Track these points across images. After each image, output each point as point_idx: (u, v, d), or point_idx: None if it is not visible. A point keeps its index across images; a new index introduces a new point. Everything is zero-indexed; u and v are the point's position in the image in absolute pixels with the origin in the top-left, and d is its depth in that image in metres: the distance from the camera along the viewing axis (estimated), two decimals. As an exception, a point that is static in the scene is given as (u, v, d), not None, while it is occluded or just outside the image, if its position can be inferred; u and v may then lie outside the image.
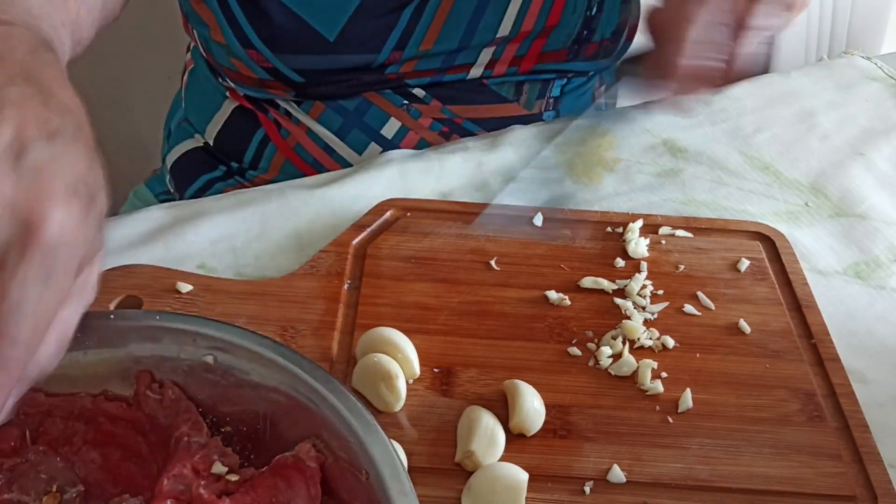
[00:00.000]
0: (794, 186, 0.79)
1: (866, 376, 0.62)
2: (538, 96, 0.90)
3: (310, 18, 0.80)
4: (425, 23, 0.82)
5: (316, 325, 0.62)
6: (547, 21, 0.84)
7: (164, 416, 0.50)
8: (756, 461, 0.56)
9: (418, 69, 0.85)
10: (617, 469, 0.55)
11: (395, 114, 0.87)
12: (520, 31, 0.84)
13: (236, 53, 0.83)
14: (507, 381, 0.58)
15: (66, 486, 0.49)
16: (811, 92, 0.89)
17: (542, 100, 0.91)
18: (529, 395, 0.57)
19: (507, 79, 0.88)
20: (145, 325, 0.51)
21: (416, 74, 0.86)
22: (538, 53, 0.87)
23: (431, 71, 0.86)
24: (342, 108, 0.86)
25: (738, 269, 0.69)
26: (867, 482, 0.55)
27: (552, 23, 0.84)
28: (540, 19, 0.84)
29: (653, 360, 0.61)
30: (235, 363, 0.51)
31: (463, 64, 0.86)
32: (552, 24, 0.84)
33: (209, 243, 0.70)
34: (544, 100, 0.91)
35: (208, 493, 0.47)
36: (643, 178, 0.78)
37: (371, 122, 0.87)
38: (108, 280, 0.63)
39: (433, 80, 0.87)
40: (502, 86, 0.89)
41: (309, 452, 0.48)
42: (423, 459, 0.55)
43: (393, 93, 0.87)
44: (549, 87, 0.90)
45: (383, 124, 0.87)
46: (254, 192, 0.75)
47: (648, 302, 0.65)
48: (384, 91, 0.86)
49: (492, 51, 0.85)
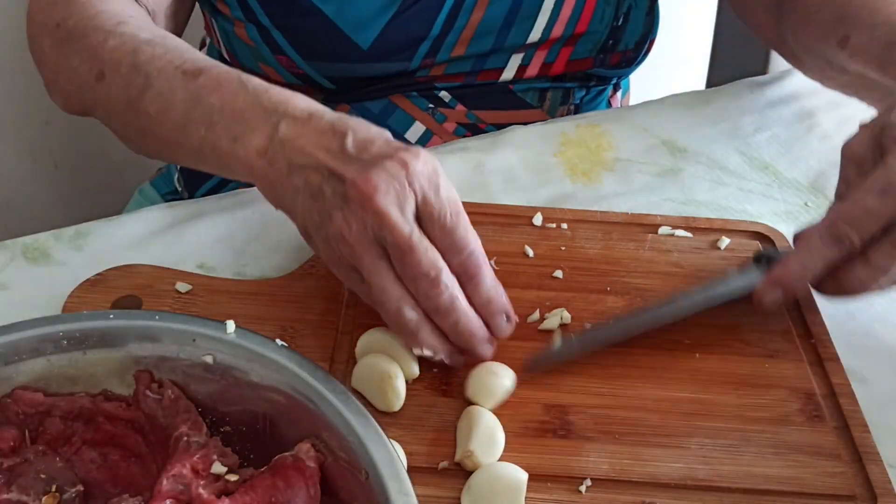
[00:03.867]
0: (794, 186, 0.79)
1: (866, 376, 0.62)
2: (561, 103, 0.91)
3: (345, 27, 0.80)
4: (458, 29, 0.82)
5: (316, 325, 0.62)
6: (576, 28, 0.85)
7: (164, 415, 0.50)
8: (755, 461, 0.56)
9: (449, 72, 0.85)
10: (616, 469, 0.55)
11: (419, 117, 0.86)
12: (549, 36, 0.84)
13: (265, 58, 0.82)
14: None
15: (65, 486, 0.49)
16: (811, 92, 0.89)
17: (565, 106, 0.91)
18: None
19: (533, 84, 0.88)
20: (145, 325, 0.52)
21: (446, 78, 0.86)
22: (566, 61, 0.87)
23: (461, 75, 0.86)
24: (367, 111, 0.86)
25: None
26: (867, 482, 0.55)
27: (580, 30, 0.85)
28: (569, 26, 0.84)
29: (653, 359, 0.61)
30: (235, 363, 0.51)
31: (493, 69, 0.86)
32: (580, 32, 0.85)
33: (209, 243, 0.70)
34: (567, 106, 0.91)
35: (207, 493, 0.47)
36: (643, 177, 0.78)
37: (396, 125, 0.86)
38: (108, 280, 0.63)
39: (463, 84, 0.87)
40: (527, 92, 0.89)
41: (308, 452, 0.48)
42: (422, 459, 0.55)
43: (419, 95, 0.86)
44: (570, 94, 0.91)
45: (408, 128, 0.87)
46: (254, 192, 0.75)
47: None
48: (410, 94, 0.86)
49: (521, 57, 0.86)
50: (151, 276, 0.64)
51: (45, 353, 0.51)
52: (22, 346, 0.50)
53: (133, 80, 0.65)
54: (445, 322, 0.56)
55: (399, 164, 0.54)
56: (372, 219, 0.54)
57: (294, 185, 0.58)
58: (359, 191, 0.54)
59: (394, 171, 0.54)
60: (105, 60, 0.67)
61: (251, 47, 0.84)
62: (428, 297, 0.55)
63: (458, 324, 0.56)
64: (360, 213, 0.54)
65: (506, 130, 0.84)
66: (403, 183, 0.54)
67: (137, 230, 0.71)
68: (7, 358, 0.50)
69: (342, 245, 0.56)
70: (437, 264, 0.54)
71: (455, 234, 0.55)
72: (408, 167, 0.54)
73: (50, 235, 0.70)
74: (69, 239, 0.69)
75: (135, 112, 0.66)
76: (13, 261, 0.67)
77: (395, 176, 0.54)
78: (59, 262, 0.68)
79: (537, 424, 0.58)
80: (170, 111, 0.63)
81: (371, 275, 0.55)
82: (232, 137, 0.60)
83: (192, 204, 0.74)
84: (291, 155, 0.58)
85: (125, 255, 0.67)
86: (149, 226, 0.71)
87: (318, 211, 0.57)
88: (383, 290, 0.55)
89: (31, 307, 0.61)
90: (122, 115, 0.68)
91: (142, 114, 0.65)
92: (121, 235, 0.70)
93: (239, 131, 0.60)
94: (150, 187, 1.00)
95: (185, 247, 0.69)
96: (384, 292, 0.55)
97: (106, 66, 0.67)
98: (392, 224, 0.53)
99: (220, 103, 0.61)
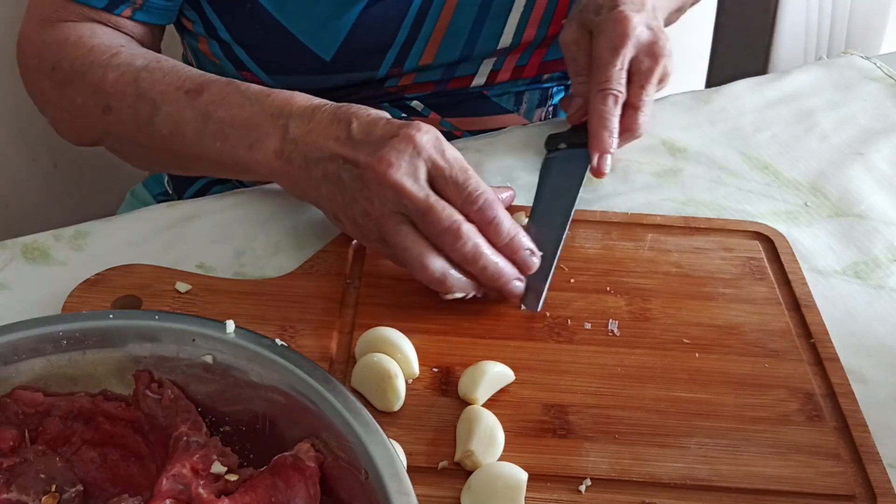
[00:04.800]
0: (794, 186, 0.79)
1: (865, 376, 0.62)
2: (538, 105, 0.90)
3: (305, 39, 0.80)
4: (424, 37, 0.82)
5: (315, 325, 0.62)
6: (548, 31, 0.84)
7: (163, 415, 0.50)
8: (755, 461, 0.56)
9: (419, 81, 0.85)
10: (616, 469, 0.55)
11: None
12: (521, 41, 0.84)
13: (229, 75, 0.82)
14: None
15: (64, 486, 0.49)
16: (810, 92, 0.89)
17: (542, 108, 0.91)
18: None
19: (507, 89, 0.88)
20: (144, 325, 0.51)
21: (416, 88, 0.85)
22: (539, 63, 0.87)
23: (432, 83, 0.85)
24: None
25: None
26: (866, 481, 0.55)
27: (553, 32, 0.84)
28: (541, 29, 0.84)
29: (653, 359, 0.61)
30: (234, 363, 0.51)
31: (464, 76, 0.86)
32: (553, 34, 0.84)
33: (208, 243, 0.70)
34: (544, 108, 0.91)
35: (207, 493, 0.47)
36: (642, 177, 0.78)
37: None
38: (107, 280, 0.63)
39: (434, 93, 0.86)
40: (502, 96, 0.88)
41: (308, 452, 0.48)
42: (422, 459, 0.55)
43: (391, 106, 0.86)
44: (548, 95, 0.90)
45: None
46: (253, 192, 0.75)
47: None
48: (381, 104, 0.85)
49: (492, 62, 0.85)
50: (151, 275, 0.64)
51: (44, 353, 0.51)
52: (21, 345, 0.50)
53: (140, 108, 0.70)
54: (475, 268, 0.61)
55: (404, 139, 0.60)
56: (390, 192, 0.60)
57: (314, 178, 0.64)
58: (373, 171, 0.60)
59: (401, 147, 0.60)
60: (109, 94, 0.72)
61: (215, 64, 0.84)
62: (454, 248, 0.60)
63: (486, 268, 0.61)
64: (379, 189, 0.60)
65: (505, 130, 0.84)
66: (412, 154, 0.60)
67: (137, 230, 0.71)
68: (7, 358, 0.50)
69: (368, 221, 0.62)
70: (455, 218, 0.60)
71: (467, 187, 0.61)
72: (413, 140, 0.60)
73: (50, 235, 0.70)
74: (69, 239, 0.69)
75: (147, 135, 0.71)
76: (13, 261, 0.67)
77: (404, 150, 0.60)
78: (58, 262, 0.68)
79: (537, 424, 0.58)
80: (183, 129, 0.69)
81: (396, 240, 0.61)
82: (247, 146, 0.66)
83: (192, 204, 0.74)
84: (306, 151, 0.64)
85: (125, 255, 0.67)
86: (148, 226, 0.71)
87: (340, 196, 0.63)
88: (407, 249, 0.61)
89: (31, 307, 0.61)
90: (133, 140, 0.73)
91: (155, 136, 0.70)
92: (120, 235, 0.70)
93: (253, 139, 0.66)
94: (143, 188, 1.01)
95: (184, 246, 0.69)
96: (408, 251, 0.61)
97: (111, 98, 0.72)
98: (408, 193, 0.59)
99: (228, 117, 0.67)
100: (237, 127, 0.67)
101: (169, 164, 0.77)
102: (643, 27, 0.74)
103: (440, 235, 0.60)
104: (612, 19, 0.74)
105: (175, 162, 0.74)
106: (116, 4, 0.77)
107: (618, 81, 0.73)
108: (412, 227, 0.61)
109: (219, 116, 0.67)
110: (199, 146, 0.69)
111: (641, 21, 0.74)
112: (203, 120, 0.68)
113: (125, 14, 0.77)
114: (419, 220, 0.60)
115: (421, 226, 0.60)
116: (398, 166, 0.60)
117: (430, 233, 0.60)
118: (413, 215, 0.60)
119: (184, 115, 0.68)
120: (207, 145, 0.68)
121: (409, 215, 0.60)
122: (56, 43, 0.76)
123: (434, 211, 0.59)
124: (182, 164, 0.74)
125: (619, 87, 0.73)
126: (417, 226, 0.61)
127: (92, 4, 0.76)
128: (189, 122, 0.68)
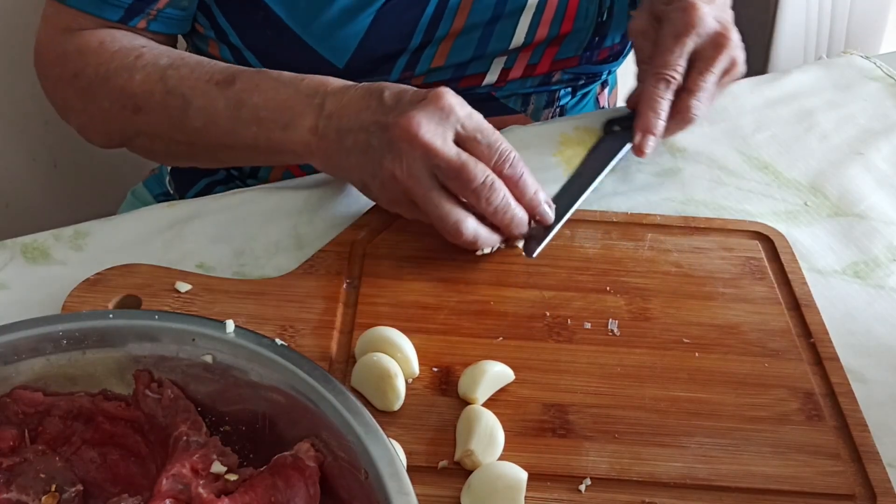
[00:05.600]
0: (793, 186, 0.79)
1: (865, 375, 0.62)
2: (545, 105, 0.90)
3: (319, 47, 0.80)
4: (437, 41, 0.82)
5: (315, 325, 0.62)
6: (560, 29, 0.84)
7: (163, 415, 0.50)
8: (755, 460, 0.56)
9: (428, 81, 0.85)
10: (616, 468, 0.55)
11: None
12: (533, 39, 0.84)
13: None
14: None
15: (64, 486, 0.49)
16: (810, 91, 0.89)
17: (550, 109, 0.91)
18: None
19: (516, 90, 0.88)
20: (144, 325, 0.52)
21: (426, 87, 0.85)
22: (550, 61, 0.87)
23: (442, 82, 0.85)
24: None
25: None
26: (866, 481, 0.55)
27: (565, 30, 0.84)
28: (553, 28, 0.84)
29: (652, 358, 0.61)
30: (234, 363, 0.51)
31: (475, 74, 0.86)
32: (565, 32, 0.84)
33: (208, 242, 0.70)
34: (552, 109, 0.91)
35: (207, 493, 0.47)
36: (642, 177, 0.78)
37: None
38: (107, 279, 0.63)
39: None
40: (510, 98, 0.88)
41: (308, 452, 0.48)
42: (422, 459, 0.55)
43: None
44: (555, 97, 0.90)
45: None
46: (253, 192, 0.75)
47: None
48: None
49: (504, 60, 0.85)
50: (151, 275, 0.64)
51: (44, 353, 0.51)
52: (21, 345, 0.50)
53: (171, 104, 0.72)
54: (504, 220, 0.65)
55: (433, 101, 0.63)
56: (420, 153, 0.62)
57: (345, 148, 0.66)
58: (403, 130, 0.62)
59: (430, 110, 0.63)
60: (138, 94, 0.73)
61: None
62: (489, 201, 0.63)
63: (514, 218, 0.65)
64: (409, 149, 0.62)
65: (505, 130, 0.83)
66: (441, 116, 0.63)
67: (137, 230, 0.71)
68: (6, 357, 0.50)
69: (396, 184, 0.64)
70: (488, 172, 0.63)
71: (499, 145, 0.64)
72: (441, 102, 0.63)
73: (49, 235, 0.70)
74: (69, 239, 0.69)
75: (180, 130, 0.73)
76: (13, 260, 0.67)
77: (433, 113, 0.63)
78: (58, 262, 0.68)
79: (537, 424, 0.58)
80: (216, 120, 0.71)
81: (426, 202, 0.63)
82: (283, 126, 0.68)
83: (192, 204, 0.74)
84: (339, 123, 0.66)
85: (125, 254, 0.67)
86: (148, 225, 0.71)
87: (369, 162, 0.65)
88: (438, 207, 0.63)
89: (31, 307, 0.61)
90: (166, 137, 0.75)
91: (188, 130, 0.72)
92: (120, 235, 0.70)
93: (288, 119, 0.68)
94: (143, 188, 1.00)
95: (184, 246, 0.69)
96: (439, 209, 0.63)
97: (140, 99, 0.73)
98: (439, 152, 0.62)
99: (262, 101, 0.69)
100: (272, 110, 0.69)
101: (199, 157, 0.78)
102: (711, 18, 0.75)
103: (475, 191, 0.62)
104: (680, 8, 0.75)
105: (207, 154, 0.75)
106: (132, 16, 0.77)
107: (673, 67, 0.74)
108: (443, 190, 0.63)
109: (253, 102, 0.69)
110: (233, 134, 0.70)
111: (710, 13, 0.75)
112: (236, 107, 0.70)
113: (140, 25, 0.78)
114: (451, 177, 0.62)
115: (452, 183, 0.63)
116: (427, 127, 0.62)
117: (462, 188, 0.63)
118: (444, 173, 0.62)
119: (216, 105, 0.70)
120: (242, 132, 0.70)
121: (439, 175, 0.63)
122: (77, 51, 0.76)
123: (467, 167, 0.62)
124: (214, 154, 0.75)
125: (674, 72, 0.74)
126: (447, 185, 0.63)
127: (107, 17, 0.77)
128: (222, 111, 0.70)
